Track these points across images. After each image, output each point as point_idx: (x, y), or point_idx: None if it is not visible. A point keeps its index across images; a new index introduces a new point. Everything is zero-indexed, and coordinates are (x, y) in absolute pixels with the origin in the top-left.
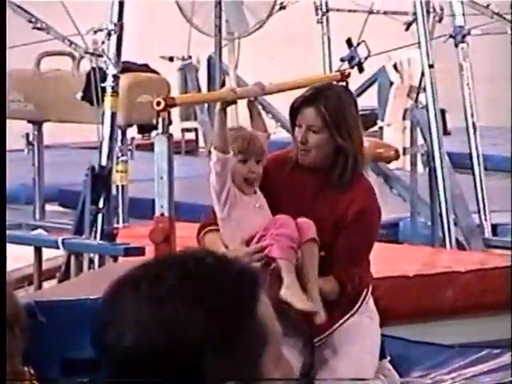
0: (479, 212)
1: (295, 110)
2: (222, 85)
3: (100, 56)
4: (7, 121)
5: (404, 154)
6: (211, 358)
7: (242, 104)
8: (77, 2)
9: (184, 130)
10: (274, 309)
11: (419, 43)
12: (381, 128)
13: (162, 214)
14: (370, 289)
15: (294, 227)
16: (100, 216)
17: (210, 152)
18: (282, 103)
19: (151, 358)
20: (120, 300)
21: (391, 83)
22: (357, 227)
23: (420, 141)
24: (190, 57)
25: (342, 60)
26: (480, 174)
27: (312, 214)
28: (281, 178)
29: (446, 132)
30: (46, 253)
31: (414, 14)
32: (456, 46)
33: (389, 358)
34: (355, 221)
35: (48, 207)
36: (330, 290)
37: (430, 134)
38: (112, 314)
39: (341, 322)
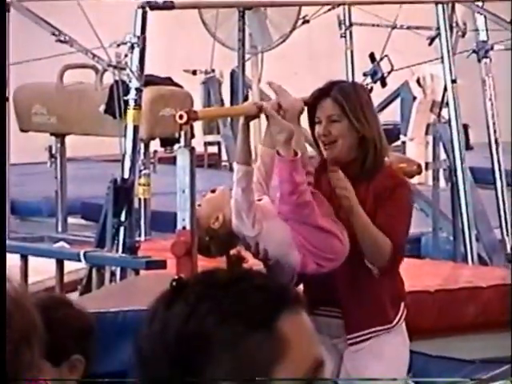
0: (501, 227)
1: (312, 105)
2: (245, 99)
3: (123, 69)
4: (30, 133)
5: (426, 168)
6: (214, 355)
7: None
8: (100, 14)
9: (207, 144)
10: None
11: (442, 58)
12: (403, 143)
13: (184, 228)
14: (405, 309)
15: None
16: (122, 229)
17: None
18: (304, 118)
19: (158, 355)
20: (149, 308)
21: (414, 98)
22: (392, 199)
23: (442, 156)
24: (213, 70)
25: (365, 74)
26: (502, 190)
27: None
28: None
29: (468, 147)
30: (68, 265)
31: (438, 28)
32: (479, 61)
33: (410, 374)
34: (389, 196)
35: (70, 220)
36: (384, 242)
37: (453, 149)
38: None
39: (378, 328)
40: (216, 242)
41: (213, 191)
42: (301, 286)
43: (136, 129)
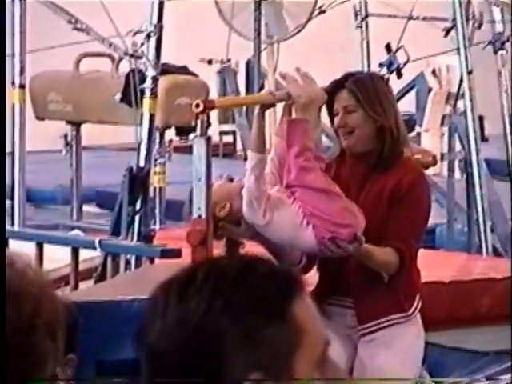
0: None
1: (330, 96)
2: (261, 88)
3: (139, 58)
4: (46, 121)
5: (442, 160)
6: (234, 350)
7: (280, 107)
8: (117, 3)
9: (222, 133)
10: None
11: (458, 49)
12: (419, 134)
13: (200, 216)
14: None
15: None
16: (137, 217)
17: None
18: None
19: (174, 350)
20: (154, 300)
21: (430, 89)
22: (409, 199)
23: (458, 147)
24: (228, 60)
25: (381, 65)
26: None
27: (363, 199)
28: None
29: (483, 138)
30: (83, 253)
31: (454, 20)
32: (495, 52)
33: (425, 365)
34: (407, 194)
35: (85, 208)
36: (389, 260)
37: (468, 140)
38: (147, 314)
39: (391, 317)
40: (215, 229)
41: (231, 180)
42: (316, 277)
43: (152, 117)
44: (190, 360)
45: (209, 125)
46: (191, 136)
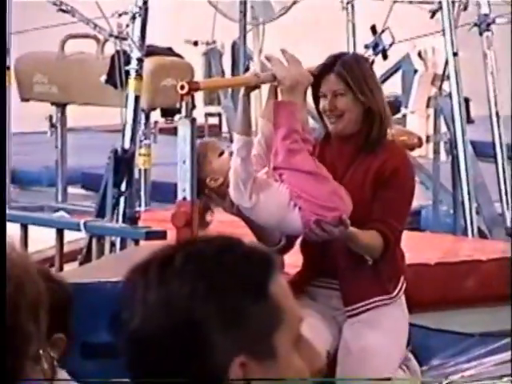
0: (501, 201)
1: (316, 79)
2: (246, 70)
3: (124, 39)
4: (31, 102)
5: (427, 141)
6: (219, 333)
7: (266, 89)
8: None
9: (207, 115)
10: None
11: (444, 31)
12: (404, 115)
13: (185, 198)
14: (405, 282)
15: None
16: (122, 199)
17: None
18: (308, 91)
19: (158, 335)
20: (133, 283)
21: (415, 71)
22: (393, 182)
23: (443, 129)
24: (214, 41)
25: (367, 47)
26: (503, 163)
27: (348, 181)
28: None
29: (469, 120)
30: (68, 235)
31: (439, 1)
32: (480, 34)
33: (410, 347)
34: (391, 176)
35: (70, 190)
36: (373, 243)
37: (454, 122)
38: (126, 297)
39: (376, 299)
40: (198, 194)
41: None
42: (297, 258)
43: (137, 99)
44: (174, 344)
45: (194, 106)
46: (177, 117)
